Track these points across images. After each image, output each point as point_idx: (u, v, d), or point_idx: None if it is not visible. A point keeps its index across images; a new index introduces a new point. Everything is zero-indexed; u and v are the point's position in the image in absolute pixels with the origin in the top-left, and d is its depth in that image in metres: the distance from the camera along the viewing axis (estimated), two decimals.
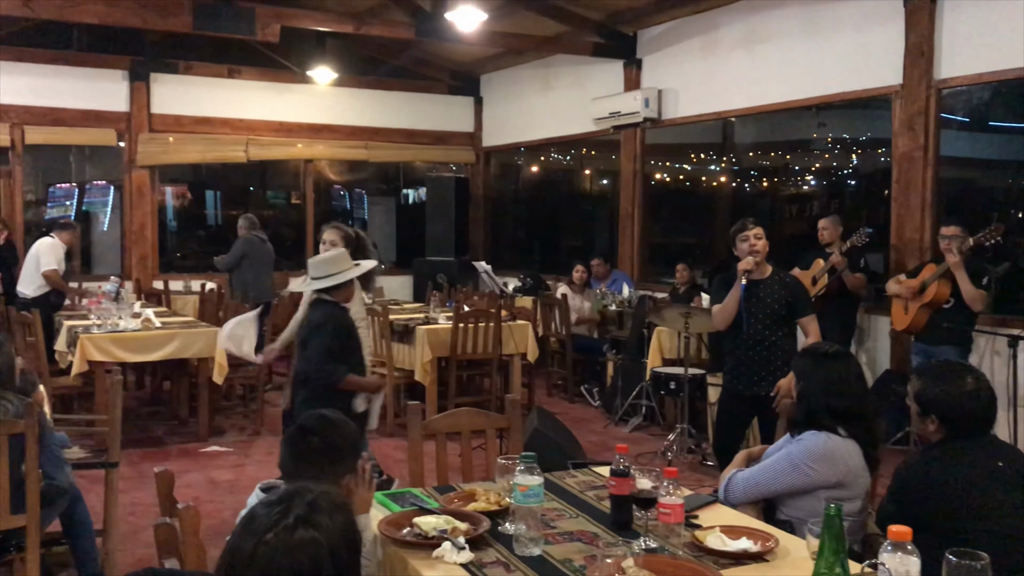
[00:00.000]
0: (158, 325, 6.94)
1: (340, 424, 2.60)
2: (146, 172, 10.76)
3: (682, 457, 6.40)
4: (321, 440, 2.50)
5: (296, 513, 1.51)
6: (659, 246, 10.64)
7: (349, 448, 2.57)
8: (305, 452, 2.49)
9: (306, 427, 2.55)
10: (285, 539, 1.48)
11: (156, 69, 10.68)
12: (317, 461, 2.48)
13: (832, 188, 9.90)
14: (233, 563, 1.49)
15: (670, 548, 2.49)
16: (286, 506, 1.52)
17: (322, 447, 2.49)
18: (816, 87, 7.69)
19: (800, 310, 4.76)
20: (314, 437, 2.51)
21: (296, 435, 2.54)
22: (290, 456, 2.53)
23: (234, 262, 9.14)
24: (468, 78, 12.42)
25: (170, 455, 6.54)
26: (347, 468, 2.54)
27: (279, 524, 1.49)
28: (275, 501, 1.54)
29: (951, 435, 2.71)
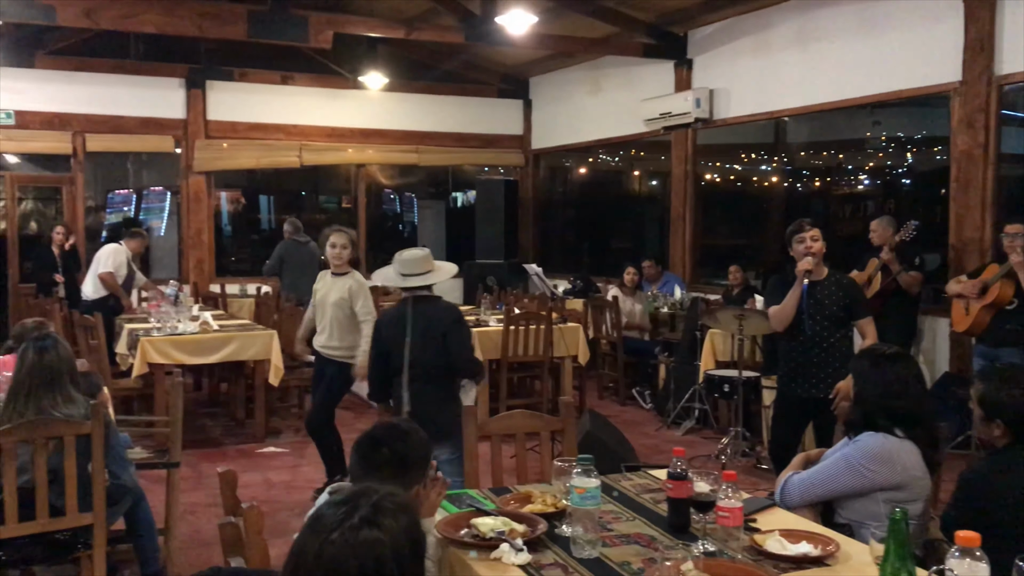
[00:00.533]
0: (216, 328, 7.06)
1: (412, 434, 2.57)
2: (202, 178, 10.97)
3: (736, 460, 6.34)
4: (391, 451, 2.48)
5: (361, 513, 1.53)
6: (710, 248, 10.54)
7: (420, 459, 2.54)
8: (375, 463, 2.47)
9: (377, 438, 2.52)
10: (350, 539, 1.50)
11: (212, 76, 10.88)
12: (387, 472, 2.45)
13: (887, 187, 9.71)
14: (299, 563, 1.51)
15: (729, 552, 2.48)
16: (351, 506, 1.55)
17: (392, 458, 2.47)
18: (872, 85, 7.57)
19: (857, 312, 4.70)
20: (384, 448, 2.48)
21: (367, 445, 2.51)
22: (360, 465, 2.51)
23: (275, 266, 9.43)
24: (517, 81, 12.46)
25: (227, 455, 6.65)
26: (417, 479, 2.52)
27: (344, 524, 1.51)
28: (341, 501, 1.57)
29: (1016, 439, 2.66)
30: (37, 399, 3.52)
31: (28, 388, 3.52)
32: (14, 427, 3.34)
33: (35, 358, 3.55)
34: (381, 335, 4.48)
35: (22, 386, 3.53)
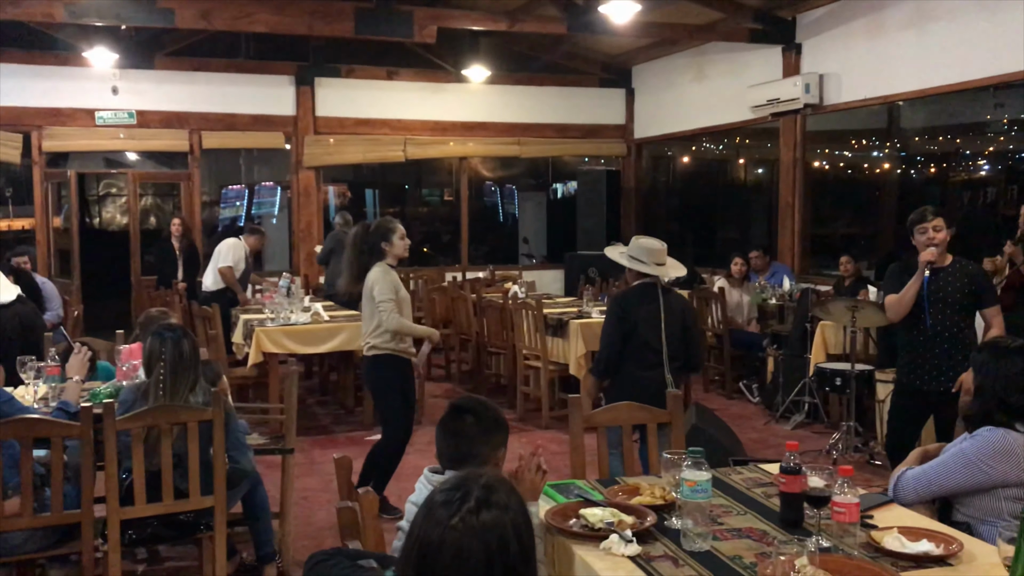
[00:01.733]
0: (326, 319, 7.25)
1: (487, 403, 2.79)
2: (312, 173, 11.27)
3: (848, 456, 6.16)
4: (475, 417, 2.65)
5: (476, 496, 1.57)
6: (821, 237, 10.25)
7: (500, 423, 2.72)
8: (461, 430, 2.64)
9: (461, 407, 2.71)
10: (471, 522, 1.54)
11: (320, 73, 11.15)
12: (473, 437, 2.63)
13: (1009, 173, 9.26)
14: (423, 552, 1.55)
15: (845, 548, 2.42)
16: (464, 491, 1.59)
17: (476, 424, 2.64)
18: (994, 66, 7.21)
19: (985, 300, 4.48)
20: (469, 415, 2.66)
21: (452, 415, 2.69)
22: (445, 434, 2.67)
23: (324, 257, 9.72)
24: (619, 70, 12.35)
25: (337, 443, 6.83)
26: (500, 442, 2.69)
27: (462, 508, 1.55)
28: (451, 488, 1.61)
29: None
30: (176, 387, 3.70)
31: (170, 377, 3.69)
32: (140, 413, 3.51)
33: (172, 349, 3.72)
34: (629, 315, 4.67)
35: (163, 375, 3.69)
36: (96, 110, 10.44)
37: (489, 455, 2.63)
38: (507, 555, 1.55)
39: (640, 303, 4.69)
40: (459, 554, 1.52)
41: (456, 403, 2.73)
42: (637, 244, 4.79)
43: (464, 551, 1.52)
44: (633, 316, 4.66)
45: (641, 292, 4.73)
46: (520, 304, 7.60)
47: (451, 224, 12.70)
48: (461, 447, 2.61)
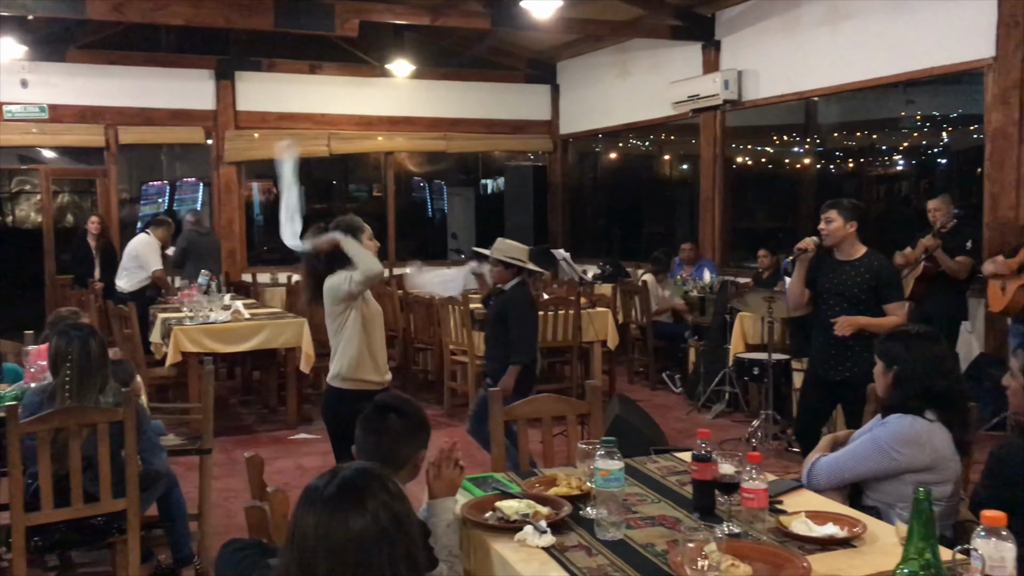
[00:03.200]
0: (247, 316, 7.14)
1: (409, 402, 2.77)
2: (233, 168, 11.06)
3: (767, 444, 6.30)
4: (400, 416, 2.64)
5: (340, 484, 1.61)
6: (742, 231, 10.46)
7: (422, 423, 2.70)
8: (383, 429, 2.61)
9: (386, 405, 2.68)
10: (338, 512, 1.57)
11: (240, 67, 10.95)
12: (397, 436, 2.61)
13: (922, 167, 9.57)
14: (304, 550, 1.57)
15: (754, 533, 2.47)
16: (330, 479, 1.62)
17: (398, 423, 2.63)
18: (904, 63, 7.45)
19: (886, 295, 4.54)
20: (393, 414, 2.64)
21: (373, 414, 2.66)
22: (367, 431, 2.65)
23: (179, 259, 9.11)
24: (545, 66, 12.40)
25: (260, 442, 6.73)
26: (422, 442, 2.68)
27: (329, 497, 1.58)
28: (324, 476, 1.64)
29: None
30: (84, 388, 3.59)
31: (77, 378, 3.58)
32: (47, 415, 3.40)
33: (79, 348, 3.61)
34: (534, 311, 5.24)
35: (70, 376, 3.58)
36: (4, 104, 10.07)
37: (411, 455, 2.61)
38: (381, 538, 1.56)
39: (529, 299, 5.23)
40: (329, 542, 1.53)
41: (381, 401, 2.70)
42: (518, 247, 5.19)
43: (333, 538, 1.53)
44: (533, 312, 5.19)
45: (523, 290, 5.18)
46: (447, 299, 7.58)
47: (378, 220, 12.59)
48: (383, 446, 2.58)
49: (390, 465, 2.49)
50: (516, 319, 5.11)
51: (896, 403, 2.97)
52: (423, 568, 1.66)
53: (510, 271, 5.12)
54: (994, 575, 1.79)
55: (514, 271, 5.12)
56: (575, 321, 7.20)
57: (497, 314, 5.19)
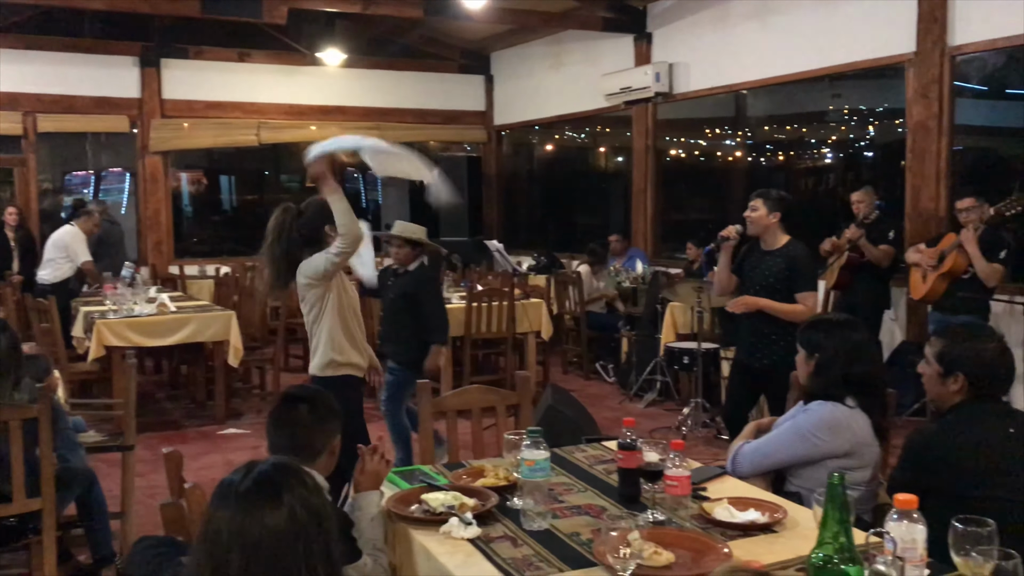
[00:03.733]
0: (173, 310, 6.97)
1: (320, 392, 2.73)
2: (159, 158, 10.80)
3: (697, 431, 6.39)
4: (309, 406, 2.60)
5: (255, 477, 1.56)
6: (674, 222, 10.57)
7: (334, 412, 2.66)
8: (294, 419, 2.58)
9: (294, 396, 2.65)
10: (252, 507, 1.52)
11: (166, 55, 10.68)
12: (308, 427, 2.58)
13: (849, 160, 9.78)
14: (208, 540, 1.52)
15: (677, 520, 2.49)
16: (245, 474, 1.58)
17: (308, 413, 2.59)
18: (828, 57, 7.60)
19: (797, 284, 4.59)
20: (303, 404, 2.60)
21: (282, 405, 2.64)
22: (278, 425, 2.61)
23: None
24: (478, 56, 12.36)
25: (188, 438, 6.60)
26: (334, 430, 2.65)
27: (243, 492, 1.54)
28: (235, 477, 1.59)
29: (973, 396, 2.67)
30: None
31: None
32: None
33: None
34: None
35: None
36: None
37: (325, 444, 2.58)
38: (298, 533, 1.53)
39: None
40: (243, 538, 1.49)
41: (288, 392, 2.68)
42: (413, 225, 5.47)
43: (247, 534, 1.49)
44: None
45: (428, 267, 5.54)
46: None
47: None
48: (296, 438, 2.55)
49: (305, 457, 2.46)
50: (429, 298, 5.31)
51: (817, 390, 3.03)
52: (340, 563, 1.63)
53: (413, 251, 5.30)
54: (906, 556, 1.83)
55: (416, 252, 5.28)
56: (509, 312, 7.20)
57: (403, 294, 5.30)
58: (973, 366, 2.67)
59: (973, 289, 5.77)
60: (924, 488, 2.51)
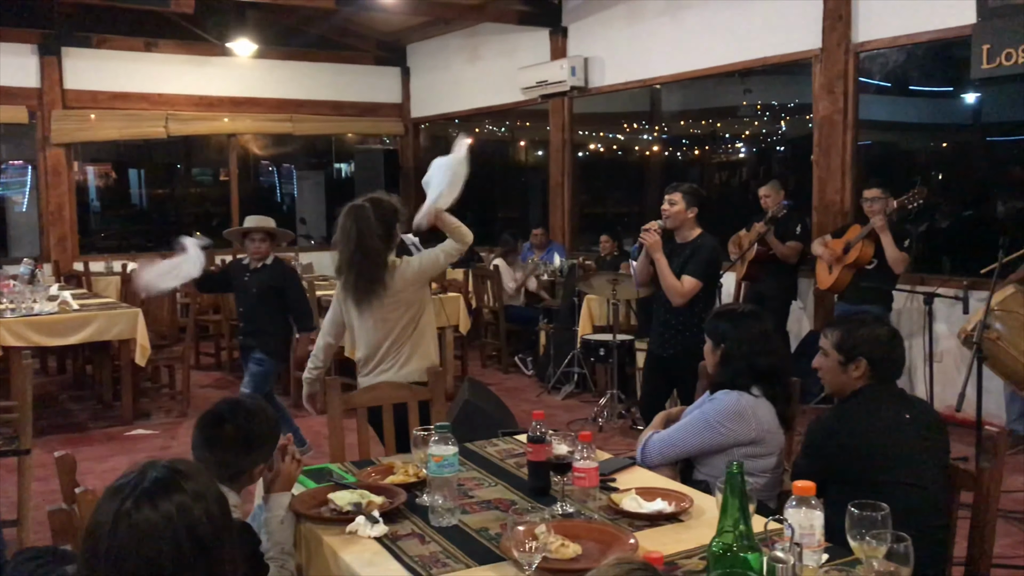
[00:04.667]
0: (76, 308, 6.72)
1: (259, 412, 2.53)
2: (62, 150, 10.38)
3: (613, 422, 6.45)
4: (235, 427, 2.46)
5: (153, 477, 1.50)
6: (592, 216, 10.66)
7: (266, 436, 2.52)
8: (219, 439, 2.45)
9: (219, 414, 2.49)
10: (147, 513, 1.45)
11: (68, 43, 10.26)
12: (231, 448, 2.44)
13: (762, 154, 10.00)
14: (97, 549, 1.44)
15: (586, 512, 2.50)
16: (140, 475, 1.51)
17: (235, 435, 2.45)
18: (739, 53, 7.73)
19: (688, 268, 4.64)
20: (228, 424, 2.46)
21: (209, 421, 2.49)
22: (203, 441, 2.48)
23: None
24: (394, 48, 12.21)
25: (93, 440, 6.38)
26: (263, 456, 2.51)
27: (138, 493, 1.47)
28: (127, 476, 1.52)
29: (874, 380, 2.74)
30: None
31: None
32: None
33: None
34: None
35: None
36: None
37: (245, 469, 2.47)
38: (195, 539, 1.46)
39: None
40: (136, 541, 1.42)
41: (218, 408, 2.51)
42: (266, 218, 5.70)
43: (140, 538, 1.42)
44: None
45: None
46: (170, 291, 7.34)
47: (223, 204, 12.13)
48: (215, 456, 2.42)
49: (222, 476, 2.34)
50: (296, 289, 5.71)
51: (724, 380, 3.08)
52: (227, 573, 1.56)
53: (272, 245, 5.65)
54: (804, 542, 1.86)
55: (272, 245, 5.63)
56: None
57: (270, 288, 5.56)
58: (873, 349, 2.75)
59: (877, 279, 5.96)
60: (826, 474, 2.58)
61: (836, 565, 1.96)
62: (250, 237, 5.63)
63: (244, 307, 5.78)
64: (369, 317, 3.81)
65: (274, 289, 5.60)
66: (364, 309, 3.81)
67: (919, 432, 2.66)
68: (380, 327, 3.81)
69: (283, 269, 5.77)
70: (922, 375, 5.91)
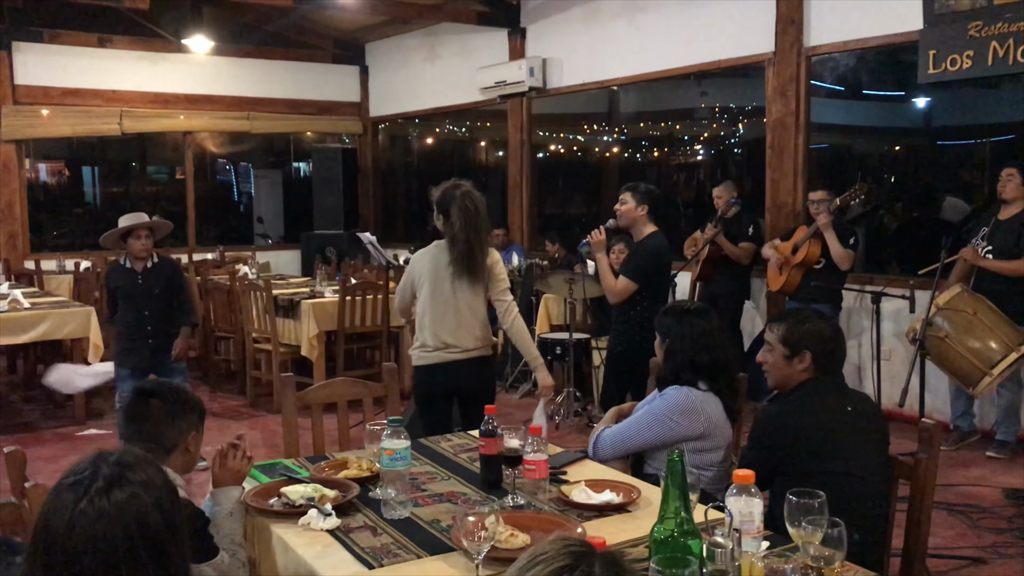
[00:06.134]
0: (27, 306, 6.63)
1: (177, 385, 2.69)
2: (12, 147, 10.21)
3: (569, 420, 6.51)
4: (160, 400, 2.54)
5: (105, 474, 1.48)
6: (551, 216, 10.72)
7: (191, 404, 2.62)
8: (147, 413, 2.52)
9: (144, 390, 2.60)
10: (100, 503, 1.44)
11: (18, 37, 10.09)
12: (159, 420, 2.52)
13: (718, 156, 10.12)
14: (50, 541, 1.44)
15: (536, 503, 2.54)
16: (93, 470, 1.49)
17: (161, 406, 2.53)
18: (694, 55, 7.84)
19: (625, 267, 4.97)
20: (154, 399, 2.54)
21: (135, 398, 2.58)
22: (129, 419, 2.55)
23: None
24: (352, 47, 12.18)
25: (45, 440, 6.30)
26: (190, 425, 2.59)
27: (91, 490, 1.46)
28: (79, 469, 1.51)
29: (818, 373, 2.82)
30: None
31: None
32: None
33: None
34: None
35: None
36: None
37: (177, 439, 2.52)
38: (147, 534, 1.46)
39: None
40: (89, 538, 1.42)
41: (141, 386, 2.62)
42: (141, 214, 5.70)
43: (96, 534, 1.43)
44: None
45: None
46: (248, 285, 7.34)
47: (179, 203, 12.01)
48: (145, 431, 2.49)
49: (158, 451, 2.40)
50: (185, 283, 5.78)
51: (668, 375, 3.15)
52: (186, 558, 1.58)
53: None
54: (743, 528, 1.92)
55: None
56: (384, 305, 7.15)
57: (168, 285, 5.60)
58: (817, 342, 2.83)
59: (826, 278, 6.09)
60: (771, 465, 2.65)
61: (775, 551, 2.03)
62: (135, 235, 5.44)
63: (146, 309, 5.54)
64: (458, 292, 4.04)
65: (172, 285, 5.62)
66: (458, 287, 4.03)
67: (859, 423, 2.74)
68: (465, 306, 4.06)
69: (173, 264, 5.87)
70: (870, 373, 6.04)
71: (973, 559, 4.07)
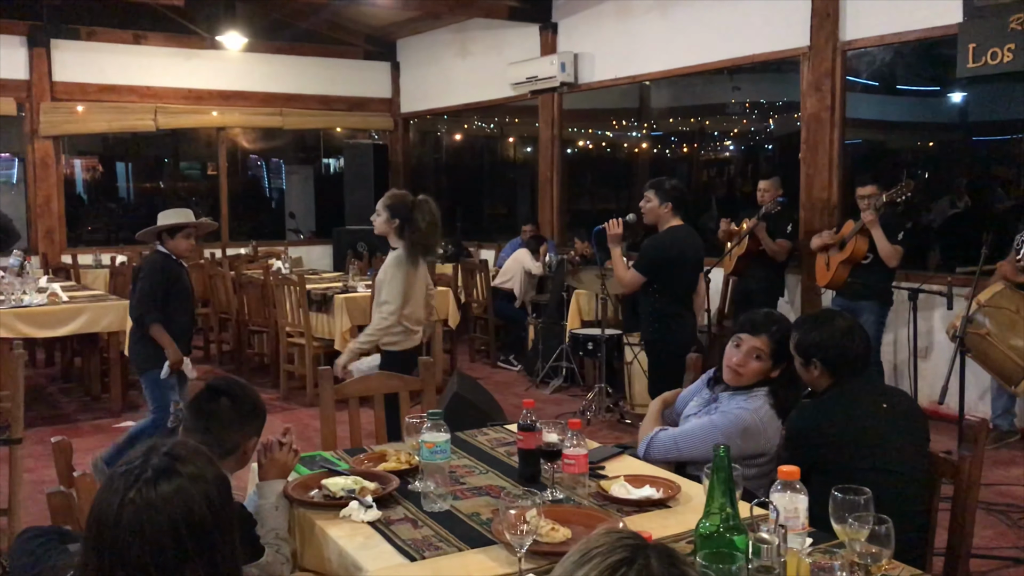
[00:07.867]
0: (65, 299, 6.73)
1: (247, 386, 2.67)
2: (50, 143, 10.36)
3: (601, 416, 6.49)
4: (231, 400, 2.55)
5: (155, 465, 1.49)
6: (581, 212, 10.70)
7: (258, 409, 2.63)
8: (216, 412, 2.53)
9: (216, 388, 2.59)
10: (149, 494, 1.45)
11: (57, 35, 10.24)
12: (228, 422, 2.53)
13: (750, 152, 10.05)
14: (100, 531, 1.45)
15: (575, 498, 2.54)
16: (144, 460, 1.50)
17: (231, 407, 2.54)
18: (727, 50, 7.79)
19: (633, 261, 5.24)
20: (224, 397, 2.55)
21: (206, 396, 2.58)
22: (197, 416, 2.55)
23: None
24: (384, 43, 12.22)
25: (82, 431, 6.38)
26: (254, 430, 2.60)
27: (140, 479, 1.47)
28: (132, 459, 1.52)
29: (837, 378, 2.78)
30: None
31: None
32: None
33: None
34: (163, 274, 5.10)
35: None
36: None
37: (239, 442, 2.54)
38: (194, 526, 1.47)
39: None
40: (139, 530, 1.44)
41: (214, 383, 2.61)
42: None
43: (143, 524, 1.44)
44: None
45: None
46: (282, 280, 7.39)
47: (211, 199, 12.12)
48: (212, 430, 2.49)
49: (217, 450, 2.38)
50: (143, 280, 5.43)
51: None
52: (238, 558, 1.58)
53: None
54: (788, 525, 1.91)
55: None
56: None
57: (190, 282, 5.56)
58: (824, 351, 2.78)
59: (873, 274, 6.00)
60: (807, 464, 2.62)
61: (820, 548, 2.01)
62: (185, 233, 5.18)
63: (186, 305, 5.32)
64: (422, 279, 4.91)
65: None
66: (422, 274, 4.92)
67: (898, 421, 2.70)
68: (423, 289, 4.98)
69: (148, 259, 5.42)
70: (907, 370, 5.97)
71: (1014, 559, 4.02)
